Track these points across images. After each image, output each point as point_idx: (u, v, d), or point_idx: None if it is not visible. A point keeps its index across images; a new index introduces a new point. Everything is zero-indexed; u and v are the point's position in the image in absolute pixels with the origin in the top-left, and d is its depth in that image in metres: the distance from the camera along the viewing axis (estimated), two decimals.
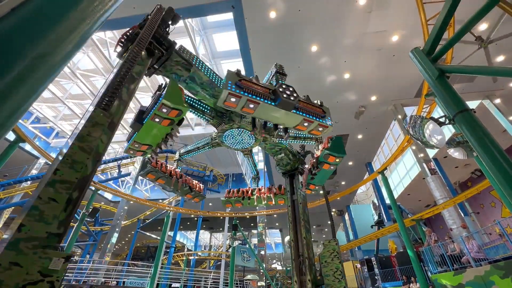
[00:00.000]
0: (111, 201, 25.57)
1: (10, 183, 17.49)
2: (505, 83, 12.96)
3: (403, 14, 10.20)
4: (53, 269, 1.68)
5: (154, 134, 3.85)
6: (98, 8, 1.43)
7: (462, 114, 2.90)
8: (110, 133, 2.39)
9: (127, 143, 4.03)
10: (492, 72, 3.27)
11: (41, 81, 1.21)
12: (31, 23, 1.13)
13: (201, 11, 10.64)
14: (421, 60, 3.48)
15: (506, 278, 6.64)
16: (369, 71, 12.81)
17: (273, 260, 49.14)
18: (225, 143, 5.22)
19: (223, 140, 5.14)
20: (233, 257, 13.16)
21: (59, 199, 1.84)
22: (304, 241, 5.14)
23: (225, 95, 3.29)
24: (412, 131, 3.84)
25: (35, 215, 1.71)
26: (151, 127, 3.70)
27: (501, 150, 2.54)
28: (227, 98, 3.32)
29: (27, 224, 1.66)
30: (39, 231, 1.69)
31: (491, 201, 17.11)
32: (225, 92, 3.26)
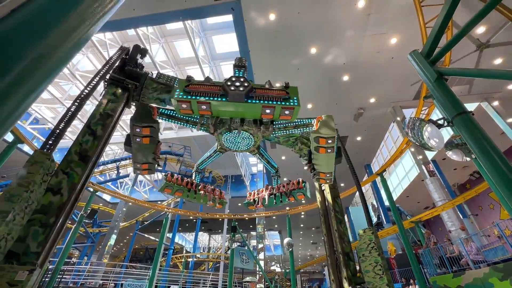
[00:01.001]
0: (110, 202, 25.45)
1: (8, 184, 17.40)
2: (503, 85, 13.03)
3: (401, 17, 10.26)
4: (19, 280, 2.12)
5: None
6: (98, 10, 1.43)
7: (461, 117, 2.91)
8: (84, 164, 3.05)
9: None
10: (490, 75, 3.29)
11: (40, 82, 1.21)
12: (31, 24, 1.13)
13: (201, 13, 10.67)
14: (419, 63, 3.50)
15: (505, 280, 6.63)
16: (368, 74, 12.86)
17: (272, 262, 48.97)
18: (227, 147, 5.17)
19: (225, 144, 5.12)
20: (232, 259, 13.11)
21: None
22: (337, 234, 4.62)
23: (175, 103, 3.39)
24: (410, 133, 3.85)
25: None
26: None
27: (499, 152, 2.55)
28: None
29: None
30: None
31: (489, 203, 17.13)
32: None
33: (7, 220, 2.16)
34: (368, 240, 4.08)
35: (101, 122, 3.50)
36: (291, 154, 18.52)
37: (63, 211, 2.70)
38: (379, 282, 3.66)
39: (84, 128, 3.37)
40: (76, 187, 2.90)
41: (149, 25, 12.88)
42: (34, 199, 2.50)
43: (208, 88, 3.46)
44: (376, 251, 3.90)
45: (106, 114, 3.61)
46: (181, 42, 15.33)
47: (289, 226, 12.94)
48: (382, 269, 3.72)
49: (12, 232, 2.26)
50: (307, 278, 39.08)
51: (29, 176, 2.48)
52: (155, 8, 10.20)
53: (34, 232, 2.46)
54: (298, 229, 33.61)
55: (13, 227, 2.26)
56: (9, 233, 2.22)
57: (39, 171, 2.54)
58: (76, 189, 2.93)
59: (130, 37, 15.30)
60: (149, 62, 15.97)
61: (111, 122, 3.62)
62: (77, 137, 3.23)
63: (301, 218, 29.12)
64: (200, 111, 3.53)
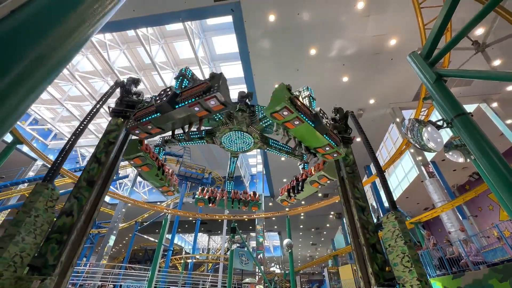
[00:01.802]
0: (109, 203, 25.41)
1: (7, 185, 17.34)
2: (502, 87, 13.07)
3: (401, 18, 10.30)
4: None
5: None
6: (98, 11, 1.43)
7: (460, 118, 2.92)
8: (91, 188, 3.66)
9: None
10: (488, 76, 3.30)
11: (40, 83, 1.20)
12: (30, 25, 1.13)
13: (201, 14, 10.69)
14: (418, 64, 3.51)
15: (505, 281, 6.63)
16: (368, 75, 12.89)
17: (272, 263, 48.88)
18: (223, 143, 5.26)
19: (223, 141, 5.18)
20: (231, 260, 13.08)
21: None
22: (358, 224, 4.13)
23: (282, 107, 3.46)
24: (410, 134, 3.86)
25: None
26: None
27: (498, 153, 2.55)
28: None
29: None
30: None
31: (489, 204, 17.15)
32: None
33: (14, 241, 2.70)
34: (392, 227, 3.51)
35: (105, 150, 4.09)
36: None
37: (74, 229, 3.28)
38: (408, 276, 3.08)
39: (91, 157, 4.00)
40: (84, 208, 3.49)
41: (149, 26, 12.90)
42: (42, 222, 3.05)
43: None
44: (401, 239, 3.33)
45: (108, 142, 4.19)
46: (181, 43, 15.34)
47: (288, 227, 12.93)
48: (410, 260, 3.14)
49: (26, 250, 2.80)
50: (307, 279, 39.00)
51: (30, 204, 3.02)
52: (155, 9, 10.22)
53: (52, 248, 3.01)
54: (298, 230, 33.57)
55: (25, 246, 2.80)
56: (22, 251, 2.77)
57: (38, 199, 3.08)
58: (85, 209, 3.52)
59: (130, 38, 15.31)
60: (149, 63, 15.99)
61: (113, 149, 4.16)
62: (86, 166, 3.88)
63: (300, 219, 29.09)
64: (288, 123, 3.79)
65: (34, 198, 3.07)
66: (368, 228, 4.04)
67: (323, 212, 27.18)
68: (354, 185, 4.61)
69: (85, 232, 3.52)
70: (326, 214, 28.54)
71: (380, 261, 3.67)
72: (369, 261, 3.67)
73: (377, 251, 3.78)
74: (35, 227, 2.96)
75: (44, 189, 3.18)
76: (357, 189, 4.55)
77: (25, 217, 2.88)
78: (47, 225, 3.12)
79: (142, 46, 13.73)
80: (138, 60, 16.76)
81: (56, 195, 3.38)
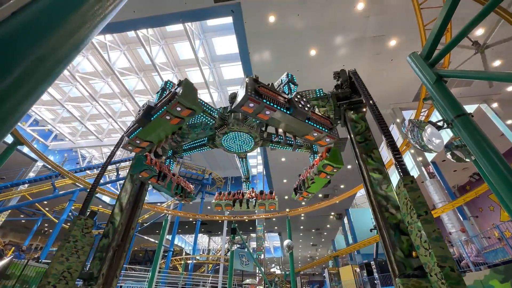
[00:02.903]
0: (109, 204, 25.41)
1: (8, 185, 17.36)
2: (502, 87, 13.07)
3: (401, 19, 10.31)
4: None
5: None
6: (98, 12, 1.44)
7: (460, 118, 2.92)
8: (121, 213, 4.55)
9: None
10: (488, 77, 3.30)
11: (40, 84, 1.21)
12: (32, 26, 1.14)
13: (201, 15, 10.71)
14: (418, 65, 3.51)
15: (506, 282, 6.61)
16: (368, 75, 12.88)
17: (272, 264, 48.81)
18: (224, 145, 5.24)
19: (223, 143, 5.16)
20: (231, 261, 13.06)
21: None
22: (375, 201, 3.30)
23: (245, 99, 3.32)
24: (410, 135, 3.85)
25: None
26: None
27: (499, 154, 2.55)
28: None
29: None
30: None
31: (489, 204, 17.12)
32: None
33: (58, 261, 3.62)
34: (405, 198, 2.74)
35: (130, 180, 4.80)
36: (291, 156, 18.52)
37: (110, 247, 4.15)
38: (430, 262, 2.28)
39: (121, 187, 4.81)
40: (117, 230, 4.35)
41: (149, 27, 12.93)
42: (83, 244, 3.91)
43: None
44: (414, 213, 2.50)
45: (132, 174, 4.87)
46: (181, 44, 15.38)
47: (289, 227, 12.90)
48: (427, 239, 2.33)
49: (72, 267, 3.69)
50: (307, 280, 38.93)
51: (69, 232, 3.89)
52: (155, 10, 10.24)
53: (96, 264, 3.97)
54: (298, 231, 33.53)
55: (71, 264, 3.69)
56: (69, 268, 3.66)
57: (74, 228, 3.91)
58: (118, 231, 4.38)
59: (130, 38, 15.35)
60: (149, 64, 16.02)
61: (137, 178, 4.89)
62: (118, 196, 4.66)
63: (301, 219, 29.05)
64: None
65: (71, 227, 3.99)
66: (387, 205, 3.21)
67: (324, 213, 27.14)
68: (367, 155, 3.82)
69: (124, 248, 4.46)
70: (326, 215, 28.51)
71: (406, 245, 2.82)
72: (391, 246, 2.86)
73: (401, 232, 2.92)
74: (77, 249, 3.84)
75: (77, 220, 4.01)
76: (371, 159, 3.75)
77: (65, 243, 3.78)
78: (88, 247, 3.98)
79: (142, 47, 13.76)
80: (138, 61, 16.79)
81: (89, 224, 4.17)
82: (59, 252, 3.72)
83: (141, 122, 3.83)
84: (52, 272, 3.50)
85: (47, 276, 3.45)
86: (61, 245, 3.79)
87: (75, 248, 3.81)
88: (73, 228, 3.94)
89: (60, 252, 3.71)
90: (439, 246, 2.23)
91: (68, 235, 3.88)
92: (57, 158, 22.44)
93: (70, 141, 22.14)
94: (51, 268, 3.52)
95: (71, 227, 3.96)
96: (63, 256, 3.69)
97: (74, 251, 3.79)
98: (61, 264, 3.62)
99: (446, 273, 2.07)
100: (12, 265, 8.40)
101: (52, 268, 3.53)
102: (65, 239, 3.83)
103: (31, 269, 8.82)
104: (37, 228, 22.40)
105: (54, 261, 3.61)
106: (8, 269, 8.23)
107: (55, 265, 3.56)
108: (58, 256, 3.68)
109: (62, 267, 3.61)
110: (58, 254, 3.70)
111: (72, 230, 3.92)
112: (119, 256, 4.29)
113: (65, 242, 3.79)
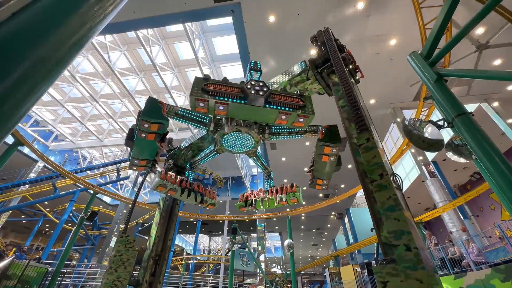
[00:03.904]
0: (110, 204, 25.43)
1: (8, 186, 17.38)
2: (503, 86, 13.04)
3: (401, 18, 10.29)
4: None
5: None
6: (98, 13, 1.44)
7: (461, 117, 2.91)
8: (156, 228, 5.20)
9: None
10: (489, 76, 3.29)
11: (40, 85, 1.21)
12: (32, 27, 1.14)
13: (201, 15, 10.71)
14: (419, 64, 3.51)
15: (507, 281, 6.60)
16: (368, 75, 12.85)
17: (273, 264, 48.80)
18: (227, 148, 5.20)
19: (224, 145, 5.13)
20: (232, 261, 13.06)
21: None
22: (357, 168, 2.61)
23: (193, 101, 3.39)
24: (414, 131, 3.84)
25: None
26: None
27: (499, 153, 2.55)
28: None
29: None
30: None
31: (490, 204, 17.09)
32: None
33: (108, 272, 4.44)
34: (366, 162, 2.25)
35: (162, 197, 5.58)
36: (291, 156, 18.51)
37: (150, 257, 4.77)
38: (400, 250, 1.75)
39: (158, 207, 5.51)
40: (155, 242, 4.95)
41: (149, 27, 12.93)
42: (128, 257, 4.74)
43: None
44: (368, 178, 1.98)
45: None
46: (181, 44, 15.38)
47: (289, 227, 12.90)
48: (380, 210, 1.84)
49: (121, 276, 4.47)
50: (308, 280, 38.91)
51: (114, 248, 4.70)
52: (155, 11, 10.24)
53: (141, 273, 4.57)
54: (299, 231, 33.51)
55: (119, 274, 4.48)
56: (118, 277, 4.42)
57: (118, 244, 4.76)
58: (155, 242, 4.95)
59: (130, 39, 15.35)
60: (149, 64, 16.02)
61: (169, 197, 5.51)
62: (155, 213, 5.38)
63: (301, 219, 29.05)
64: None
65: (116, 244, 4.81)
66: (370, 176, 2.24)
67: (324, 213, 27.13)
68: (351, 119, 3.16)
69: (164, 257, 5.04)
70: (327, 215, 28.49)
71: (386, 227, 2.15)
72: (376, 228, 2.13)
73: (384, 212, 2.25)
74: (123, 262, 4.62)
75: (119, 237, 4.88)
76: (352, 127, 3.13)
77: (112, 257, 4.64)
78: (133, 259, 4.74)
79: (142, 47, 13.76)
80: (138, 61, 16.80)
81: (131, 240, 4.99)
82: (109, 265, 4.55)
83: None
84: (105, 282, 4.34)
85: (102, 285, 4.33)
86: (110, 259, 4.69)
87: (121, 261, 4.60)
88: (117, 245, 4.78)
89: (109, 265, 4.55)
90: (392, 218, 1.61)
91: (115, 251, 4.68)
92: (57, 158, 22.47)
93: (71, 141, 22.16)
94: (104, 279, 4.40)
95: (116, 244, 4.85)
96: (111, 268, 4.49)
97: (120, 263, 4.57)
98: (111, 274, 4.40)
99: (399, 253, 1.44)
100: (13, 265, 8.42)
101: (105, 278, 4.38)
102: (113, 255, 4.69)
103: (32, 269, 8.84)
104: (38, 228, 22.43)
105: (106, 273, 4.46)
106: (10, 270, 8.25)
107: (106, 276, 4.40)
108: (108, 268, 4.50)
109: (112, 277, 4.39)
110: (108, 267, 4.53)
111: (117, 246, 4.73)
112: (160, 264, 4.89)
113: (112, 257, 4.65)
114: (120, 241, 4.74)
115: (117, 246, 4.68)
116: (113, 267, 4.43)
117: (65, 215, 16.55)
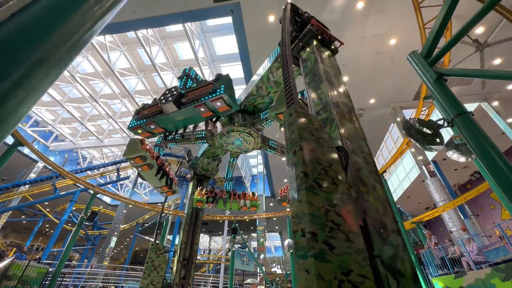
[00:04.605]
0: (110, 204, 25.43)
1: (8, 186, 17.38)
2: (503, 86, 13.04)
3: (400, 18, 10.29)
4: None
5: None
6: (98, 13, 1.44)
7: (461, 117, 2.91)
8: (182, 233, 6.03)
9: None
10: (489, 75, 3.29)
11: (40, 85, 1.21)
12: (31, 27, 1.14)
13: (200, 15, 10.71)
14: (419, 63, 3.51)
15: (507, 281, 6.60)
16: (368, 74, 12.88)
17: (273, 264, 48.80)
18: (224, 145, 5.24)
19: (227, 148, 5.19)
20: (232, 261, 13.07)
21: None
22: None
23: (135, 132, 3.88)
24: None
25: None
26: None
27: (499, 152, 2.55)
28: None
29: None
30: None
31: (490, 203, 17.09)
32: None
33: (143, 277, 5.13)
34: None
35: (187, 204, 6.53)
36: None
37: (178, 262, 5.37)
38: None
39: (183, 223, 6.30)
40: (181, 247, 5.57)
41: (149, 28, 12.92)
42: (159, 263, 5.36)
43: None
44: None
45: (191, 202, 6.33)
46: (181, 44, 15.37)
47: (289, 227, 12.90)
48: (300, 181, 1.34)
49: (154, 280, 5.08)
50: None
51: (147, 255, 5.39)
52: (155, 11, 10.24)
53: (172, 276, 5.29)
54: None
55: (153, 279, 5.08)
56: (152, 281, 5.06)
57: (150, 252, 5.34)
58: (182, 248, 5.55)
59: (130, 39, 15.35)
60: (149, 64, 16.02)
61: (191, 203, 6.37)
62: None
63: None
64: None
65: (148, 252, 5.45)
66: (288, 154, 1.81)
67: None
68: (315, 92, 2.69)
69: (192, 260, 5.60)
70: None
71: None
72: None
73: None
74: (155, 267, 5.21)
75: (150, 245, 5.51)
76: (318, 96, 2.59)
77: (145, 264, 5.29)
78: (164, 264, 5.27)
79: (142, 47, 13.76)
80: (138, 61, 16.80)
81: (161, 247, 5.59)
82: (143, 271, 5.21)
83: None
84: (140, 286, 5.03)
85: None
86: (144, 265, 5.30)
87: (153, 266, 5.19)
88: (149, 252, 5.42)
89: (144, 271, 5.23)
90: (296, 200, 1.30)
91: (147, 258, 5.34)
92: (57, 158, 22.47)
93: (71, 141, 22.16)
94: (140, 283, 5.05)
95: (148, 252, 5.52)
96: (145, 273, 5.16)
97: (153, 268, 5.16)
98: (145, 279, 5.04)
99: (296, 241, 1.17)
100: (14, 265, 8.42)
101: (141, 283, 5.03)
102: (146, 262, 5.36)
103: (33, 269, 8.84)
104: (38, 228, 22.43)
105: (142, 278, 5.13)
106: (10, 270, 8.25)
107: (142, 280, 5.07)
108: (143, 273, 5.20)
109: (146, 281, 5.00)
110: (143, 272, 5.21)
111: (149, 254, 5.37)
112: (189, 267, 5.46)
113: (146, 263, 5.31)
114: (151, 249, 5.36)
115: (149, 253, 5.33)
116: (146, 272, 5.09)
117: (65, 215, 16.55)
